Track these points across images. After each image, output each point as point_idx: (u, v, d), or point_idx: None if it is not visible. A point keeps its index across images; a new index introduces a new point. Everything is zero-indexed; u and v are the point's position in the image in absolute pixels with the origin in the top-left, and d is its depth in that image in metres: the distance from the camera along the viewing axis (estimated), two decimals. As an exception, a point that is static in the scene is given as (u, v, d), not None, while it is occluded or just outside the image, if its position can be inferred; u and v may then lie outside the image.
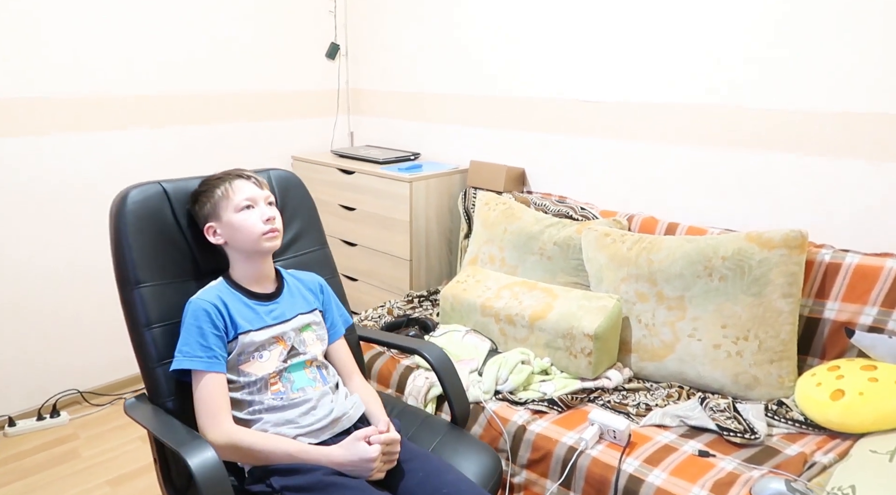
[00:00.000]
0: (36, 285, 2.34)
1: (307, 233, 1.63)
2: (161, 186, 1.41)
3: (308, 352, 1.38)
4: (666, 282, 1.80)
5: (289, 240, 1.60)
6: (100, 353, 2.54)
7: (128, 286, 1.32)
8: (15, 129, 2.19)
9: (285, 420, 1.29)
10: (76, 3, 2.24)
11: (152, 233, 1.37)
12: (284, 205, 1.59)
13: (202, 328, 1.28)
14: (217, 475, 1.11)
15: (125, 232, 1.33)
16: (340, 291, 1.65)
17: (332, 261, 1.67)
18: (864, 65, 1.71)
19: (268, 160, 2.91)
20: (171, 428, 1.24)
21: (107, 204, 2.44)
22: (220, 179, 1.38)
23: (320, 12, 2.97)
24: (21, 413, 2.37)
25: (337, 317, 1.52)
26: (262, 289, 1.39)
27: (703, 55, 1.99)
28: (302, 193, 1.64)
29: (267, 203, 1.38)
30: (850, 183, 1.78)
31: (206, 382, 1.26)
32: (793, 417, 1.57)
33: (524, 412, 1.65)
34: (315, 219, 1.65)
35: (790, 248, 1.66)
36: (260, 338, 1.32)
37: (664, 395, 1.73)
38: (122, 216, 1.33)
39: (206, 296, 1.32)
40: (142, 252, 1.34)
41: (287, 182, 1.62)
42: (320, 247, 1.65)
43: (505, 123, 2.57)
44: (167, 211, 1.40)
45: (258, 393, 1.30)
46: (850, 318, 1.66)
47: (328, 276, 1.60)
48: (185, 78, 2.58)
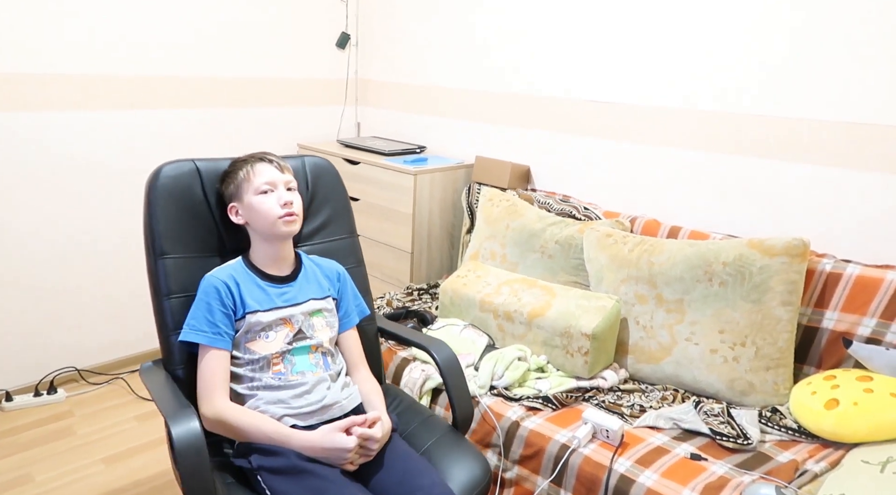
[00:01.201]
0: (37, 261, 2.34)
1: (336, 220, 1.64)
2: (194, 164, 1.46)
3: (315, 337, 1.40)
4: (666, 285, 1.80)
5: (317, 227, 1.62)
6: (99, 332, 2.55)
7: (153, 255, 1.39)
8: (21, 104, 2.19)
9: (277, 399, 1.31)
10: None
11: (181, 208, 1.42)
12: (315, 192, 1.61)
13: (210, 304, 1.32)
14: (195, 445, 1.13)
15: (155, 204, 1.39)
16: (364, 282, 1.65)
17: (359, 251, 1.67)
18: (872, 76, 1.70)
19: (273, 146, 2.91)
20: (169, 395, 1.27)
21: (110, 182, 2.45)
22: (245, 161, 1.42)
23: (332, 1, 2.97)
24: (18, 388, 2.38)
25: (352, 306, 1.52)
26: (279, 271, 1.42)
27: (713, 61, 1.98)
28: (334, 182, 1.64)
29: (287, 188, 1.40)
30: (855, 193, 1.78)
31: (208, 357, 1.31)
32: (786, 425, 1.57)
33: (518, 408, 1.66)
34: (345, 208, 1.66)
35: (791, 257, 1.66)
36: (267, 318, 1.35)
37: (659, 398, 1.74)
38: (154, 189, 1.40)
39: (221, 273, 1.36)
40: (168, 225, 1.40)
41: (320, 169, 1.63)
42: (348, 236, 1.65)
43: (512, 120, 2.57)
44: (197, 188, 1.46)
45: (259, 371, 1.33)
46: (849, 329, 1.66)
47: (352, 265, 1.61)
48: (195, 60, 2.58)
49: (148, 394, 2.43)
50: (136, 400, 2.42)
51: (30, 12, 2.15)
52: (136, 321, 2.65)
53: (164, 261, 1.39)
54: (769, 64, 1.88)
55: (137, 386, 2.51)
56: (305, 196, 1.59)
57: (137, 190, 2.53)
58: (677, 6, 2.03)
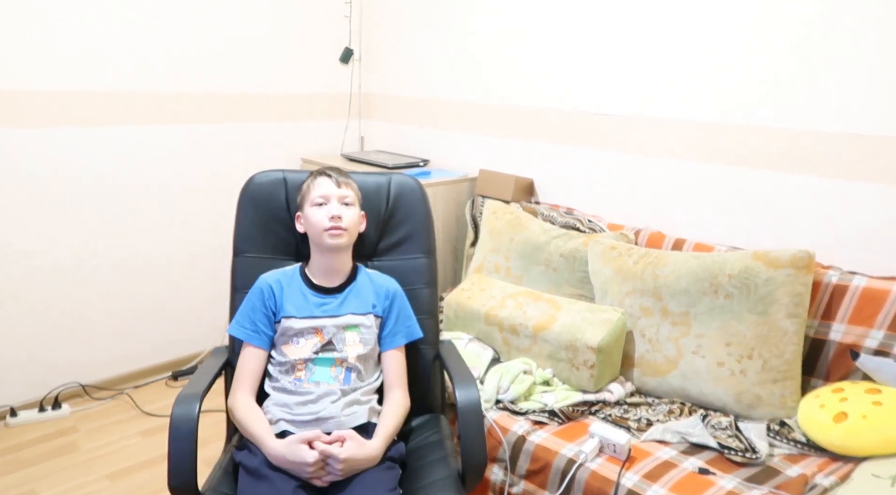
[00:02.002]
0: (41, 277, 2.35)
1: (412, 239, 1.64)
2: (283, 174, 1.62)
3: (343, 351, 1.42)
4: (671, 298, 1.80)
5: (392, 244, 1.64)
6: (103, 347, 2.55)
7: (235, 253, 1.59)
8: (25, 122, 2.21)
9: (283, 402, 1.38)
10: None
11: (263, 212, 1.58)
12: (395, 210, 1.63)
13: (255, 304, 1.45)
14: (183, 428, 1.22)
15: (242, 208, 1.59)
16: (429, 304, 1.62)
17: (432, 272, 1.64)
18: (875, 87, 1.71)
19: (277, 161, 2.93)
20: (196, 379, 1.38)
21: (114, 198, 2.46)
22: (311, 175, 1.52)
23: (336, 17, 3.00)
24: (23, 404, 2.38)
25: (400, 327, 1.50)
26: (328, 282, 1.48)
27: (716, 72, 1.99)
28: (416, 200, 1.64)
29: (342, 202, 1.45)
30: (859, 205, 1.78)
31: (244, 351, 1.44)
32: (795, 438, 1.56)
33: (524, 422, 1.65)
34: (425, 227, 1.64)
35: (797, 268, 1.66)
36: (298, 325, 1.42)
37: (666, 411, 1.73)
38: (244, 194, 1.59)
39: (271, 276, 1.48)
40: (249, 227, 1.58)
41: (403, 187, 1.64)
42: (422, 256, 1.63)
43: (515, 133, 2.58)
44: (281, 196, 1.60)
45: (284, 374, 1.41)
46: (856, 341, 1.66)
47: (420, 286, 1.61)
48: (199, 76, 2.60)
49: (152, 410, 2.44)
50: (141, 416, 2.41)
51: (31, 29, 2.17)
52: (140, 336, 2.65)
53: (240, 259, 1.58)
54: (771, 75, 1.88)
55: (142, 401, 2.50)
56: (384, 213, 1.63)
57: (141, 205, 2.54)
58: (679, 18, 2.05)
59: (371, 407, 1.42)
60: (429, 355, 1.61)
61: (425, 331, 1.58)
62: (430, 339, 1.61)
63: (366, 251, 1.64)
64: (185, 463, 1.21)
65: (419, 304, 1.59)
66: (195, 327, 2.82)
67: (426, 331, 1.58)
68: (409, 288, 1.59)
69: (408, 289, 1.58)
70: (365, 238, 1.61)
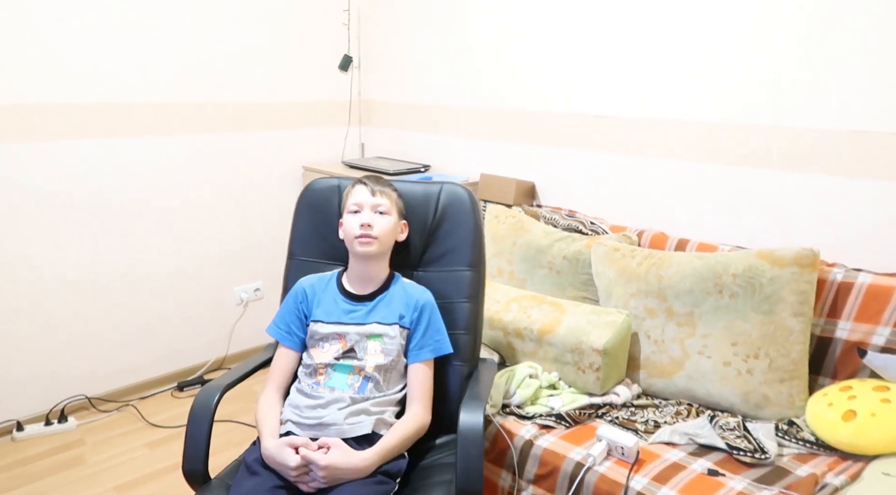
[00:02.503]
0: (46, 290, 2.36)
1: (456, 251, 1.58)
2: (338, 182, 1.64)
3: (364, 359, 1.42)
4: (675, 299, 1.80)
5: (437, 255, 1.60)
6: (108, 359, 2.56)
7: (289, 256, 1.65)
8: (29, 135, 2.22)
9: (295, 404, 1.40)
10: (92, 11, 2.28)
11: (317, 218, 1.62)
12: (442, 220, 1.59)
13: (290, 306, 1.51)
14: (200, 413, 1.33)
15: (298, 213, 1.65)
16: (469, 319, 1.55)
17: (474, 286, 1.57)
18: (875, 85, 1.71)
19: (278, 169, 2.93)
20: (235, 373, 1.47)
21: (117, 210, 2.47)
22: (352, 183, 1.55)
23: (334, 25, 3.01)
24: (29, 417, 2.38)
25: (426, 340, 1.46)
26: (360, 289, 1.50)
27: (716, 72, 1.99)
28: (464, 211, 1.58)
29: (375, 211, 1.46)
30: (862, 202, 1.77)
31: (277, 351, 1.51)
32: (804, 437, 1.55)
33: (531, 426, 1.65)
34: (471, 240, 1.57)
35: (801, 267, 1.65)
36: (323, 330, 1.45)
37: (673, 412, 1.72)
38: (301, 200, 1.65)
39: (309, 280, 1.53)
40: (303, 232, 1.64)
41: (453, 198, 1.59)
42: (465, 269, 1.57)
43: (515, 137, 2.58)
44: (335, 202, 1.63)
45: (307, 376, 1.45)
46: (863, 338, 1.65)
47: (460, 300, 1.56)
48: (199, 86, 2.61)
49: (158, 421, 2.44)
50: (147, 427, 2.41)
51: (32, 44, 2.18)
52: (145, 347, 2.65)
53: (292, 262, 1.63)
54: (771, 74, 1.88)
55: (148, 413, 2.50)
56: (430, 222, 1.59)
57: (144, 216, 2.55)
58: (678, 18, 2.05)
59: (380, 418, 1.39)
60: (461, 373, 1.54)
61: (460, 347, 1.52)
62: (466, 356, 1.54)
63: (410, 261, 1.61)
64: (199, 450, 1.30)
65: (456, 319, 1.54)
66: (200, 337, 2.82)
67: (461, 347, 1.53)
68: (447, 301, 1.54)
69: (446, 302, 1.54)
70: (410, 247, 1.59)
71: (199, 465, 1.31)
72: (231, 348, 2.93)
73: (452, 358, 1.52)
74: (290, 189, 2.99)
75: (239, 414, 2.47)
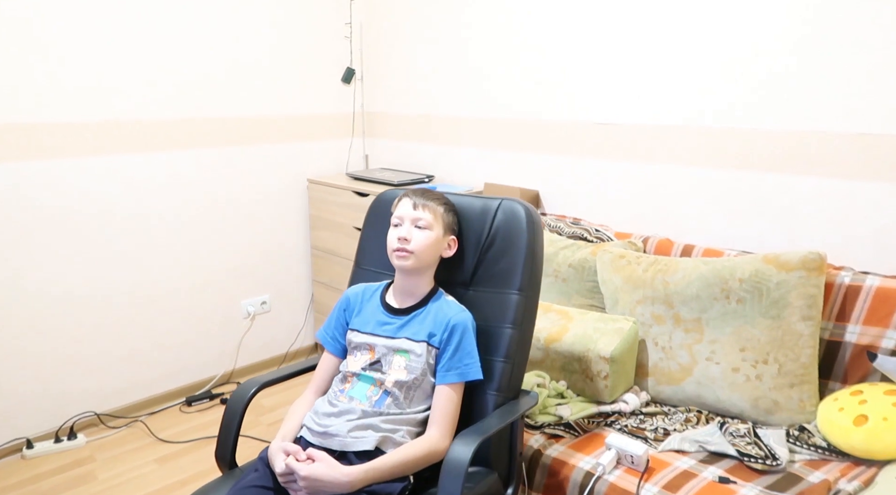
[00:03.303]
0: (54, 307, 2.37)
1: (507, 273, 1.48)
2: (403, 192, 1.58)
3: (388, 373, 1.41)
4: (682, 305, 1.79)
5: (486, 275, 1.51)
6: (117, 375, 2.56)
7: (354, 264, 1.70)
8: (35, 153, 2.24)
9: (316, 409, 1.43)
10: (96, 28, 2.30)
11: (381, 229, 1.62)
12: (495, 238, 1.51)
13: (336, 313, 1.54)
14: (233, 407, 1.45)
15: (367, 223, 1.68)
16: (511, 346, 1.44)
17: (520, 312, 1.45)
18: (879, 87, 1.70)
19: (283, 182, 2.95)
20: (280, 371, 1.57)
21: (124, 227, 2.48)
22: (400, 195, 1.54)
23: (337, 38, 3.03)
24: (38, 435, 2.38)
25: (455, 363, 1.39)
26: (400, 302, 1.49)
27: (719, 77, 1.99)
28: (517, 231, 1.48)
29: (415, 225, 1.45)
30: (868, 204, 1.76)
31: (322, 355, 1.56)
32: (815, 443, 1.54)
33: (540, 436, 1.64)
34: (525, 262, 1.46)
35: (809, 270, 1.64)
36: (357, 340, 1.48)
37: (682, 420, 1.71)
38: (370, 209, 1.69)
39: (356, 289, 1.56)
40: (368, 241, 1.68)
41: (510, 215, 1.50)
42: (515, 293, 1.45)
43: (519, 145, 2.58)
44: None
45: (339, 382, 1.47)
46: (872, 342, 1.63)
47: (502, 325, 1.45)
48: (204, 101, 2.63)
49: (167, 436, 2.44)
50: (157, 443, 2.41)
51: (37, 63, 2.20)
52: (153, 362, 2.66)
53: (357, 270, 1.69)
54: (775, 78, 1.88)
55: (157, 428, 2.51)
56: (484, 240, 1.52)
57: (151, 232, 2.56)
58: (682, 24, 2.05)
59: (388, 436, 1.35)
60: (495, 402, 1.43)
61: (496, 374, 1.43)
62: (502, 385, 1.43)
63: (461, 278, 1.54)
64: (229, 438, 1.42)
65: (496, 345, 1.44)
66: (208, 352, 2.82)
67: (497, 375, 1.43)
68: (490, 325, 1.46)
69: (489, 326, 1.46)
70: (462, 264, 1.53)
71: (227, 452, 1.42)
72: (239, 362, 2.93)
73: (486, 385, 1.43)
74: (295, 202, 3.01)
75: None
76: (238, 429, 1.43)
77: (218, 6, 2.59)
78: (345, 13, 3.03)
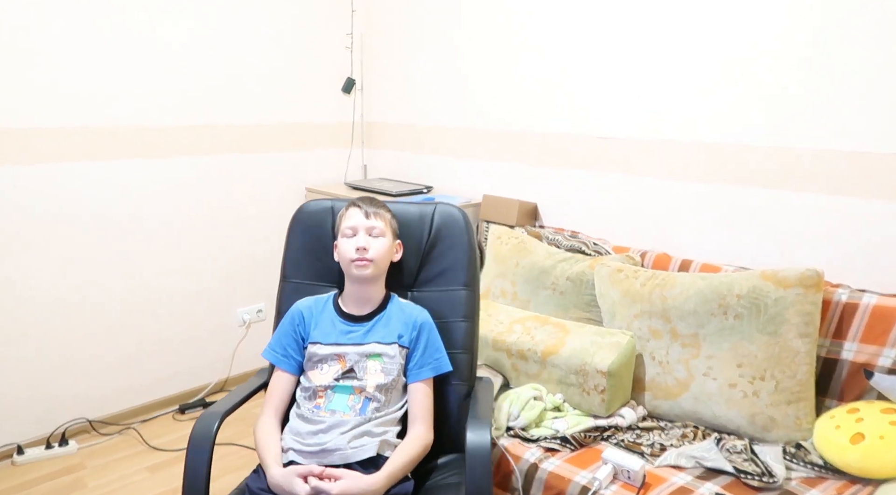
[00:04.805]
0: (46, 313, 2.35)
1: (452, 271, 1.60)
2: (331, 203, 1.65)
3: (364, 379, 1.42)
4: (680, 320, 1.79)
5: (432, 275, 1.62)
6: (109, 381, 2.54)
7: (282, 278, 1.64)
8: (28, 158, 2.23)
9: (297, 431, 1.38)
10: (94, 35, 2.30)
11: (310, 240, 1.62)
12: (436, 240, 1.62)
13: (286, 329, 1.50)
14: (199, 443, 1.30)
15: (292, 235, 1.64)
16: (466, 338, 1.57)
17: (469, 305, 1.59)
18: (873, 106, 1.72)
19: (281, 190, 2.95)
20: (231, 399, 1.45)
21: (119, 232, 2.47)
22: (346, 205, 1.55)
23: (337, 48, 3.04)
24: (30, 441, 2.36)
25: (427, 359, 1.48)
26: (357, 310, 1.50)
27: (717, 93, 2.01)
28: (458, 232, 1.61)
29: (370, 233, 1.47)
30: (864, 222, 1.77)
31: (274, 375, 1.49)
32: (812, 460, 1.54)
33: (536, 449, 1.63)
34: (467, 260, 1.60)
35: (806, 287, 1.65)
36: (322, 351, 1.45)
37: (679, 435, 1.71)
38: (294, 222, 1.64)
39: (305, 302, 1.52)
40: (296, 254, 1.63)
41: (447, 218, 1.62)
42: (461, 288, 1.59)
43: (517, 158, 2.59)
44: (328, 225, 1.63)
45: (306, 400, 1.43)
46: (869, 360, 1.64)
47: (457, 319, 1.58)
48: (205, 109, 2.63)
49: (159, 444, 2.42)
50: (148, 451, 2.39)
51: (35, 67, 2.20)
52: (146, 369, 2.64)
53: (286, 284, 1.63)
54: (772, 95, 1.90)
55: (149, 436, 2.48)
56: (425, 243, 1.61)
57: (145, 238, 2.55)
58: (680, 40, 2.07)
59: (384, 440, 1.39)
60: (460, 392, 1.56)
61: (458, 366, 1.54)
62: (464, 375, 1.56)
63: (405, 281, 1.62)
64: (199, 480, 1.27)
65: (453, 338, 1.56)
66: (201, 359, 2.81)
67: (459, 366, 1.54)
68: (444, 320, 1.56)
69: (443, 321, 1.56)
70: (404, 267, 1.61)
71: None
72: (233, 370, 2.92)
73: (451, 377, 1.54)
74: (293, 210, 3.00)
75: (239, 438, 2.45)
76: (209, 470, 1.28)
77: (221, 14, 2.60)
78: (346, 24, 3.05)
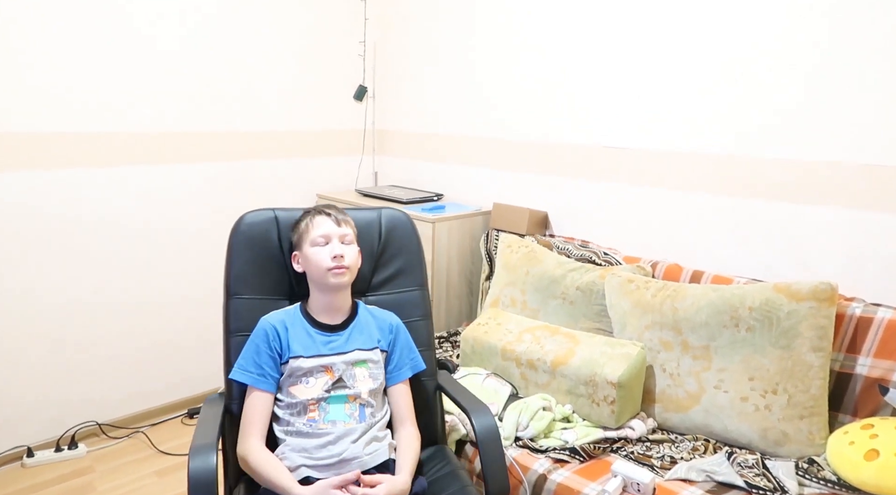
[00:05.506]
0: (57, 317, 2.37)
1: (406, 272, 1.66)
2: (274, 213, 1.59)
3: (355, 387, 1.41)
4: (691, 331, 1.78)
5: (387, 278, 1.66)
6: (119, 385, 2.56)
7: (227, 295, 1.52)
8: (42, 163, 2.25)
9: (302, 447, 1.34)
10: (105, 40, 2.33)
11: (256, 253, 1.54)
12: (387, 244, 1.66)
13: (259, 346, 1.41)
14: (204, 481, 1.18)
15: (234, 249, 1.54)
16: (427, 336, 1.64)
17: (427, 304, 1.67)
18: (888, 119, 1.70)
19: (293, 197, 2.96)
20: (204, 430, 1.33)
21: (131, 237, 2.49)
22: (308, 213, 1.50)
23: (350, 56, 3.06)
24: (40, 443, 2.37)
25: (405, 360, 1.51)
26: (331, 319, 1.47)
27: (729, 104, 2.00)
28: (407, 234, 1.67)
29: (343, 241, 1.45)
30: (878, 236, 1.76)
31: (251, 397, 1.39)
32: (825, 477, 1.52)
33: (545, 460, 1.62)
34: (417, 260, 1.67)
35: (819, 301, 1.63)
36: (308, 364, 1.40)
37: (690, 448, 1.69)
38: (235, 235, 1.54)
39: (274, 317, 1.44)
40: (243, 268, 1.53)
41: (395, 222, 1.67)
42: (417, 288, 1.66)
43: (528, 167, 2.59)
44: (273, 235, 1.57)
45: (295, 416, 1.38)
46: (883, 375, 1.62)
47: (417, 319, 1.63)
48: (215, 115, 2.65)
49: (168, 449, 2.42)
50: (157, 455, 2.40)
51: (44, 72, 2.23)
52: (156, 374, 2.65)
53: (234, 301, 1.51)
54: (785, 107, 1.89)
55: (158, 440, 2.49)
56: (377, 247, 1.65)
57: (158, 244, 2.57)
58: (693, 51, 2.07)
59: (389, 443, 1.41)
60: (430, 387, 1.62)
61: (425, 362, 1.58)
62: (430, 371, 1.62)
63: (360, 286, 1.63)
64: None
65: (418, 336, 1.60)
66: (210, 364, 2.81)
67: (425, 362, 1.59)
68: (406, 320, 1.60)
69: (406, 322, 1.59)
70: (359, 273, 1.59)
71: None
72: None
73: (421, 374, 1.57)
74: (304, 216, 3.02)
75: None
76: None
77: (234, 22, 2.63)
78: (359, 32, 3.06)
